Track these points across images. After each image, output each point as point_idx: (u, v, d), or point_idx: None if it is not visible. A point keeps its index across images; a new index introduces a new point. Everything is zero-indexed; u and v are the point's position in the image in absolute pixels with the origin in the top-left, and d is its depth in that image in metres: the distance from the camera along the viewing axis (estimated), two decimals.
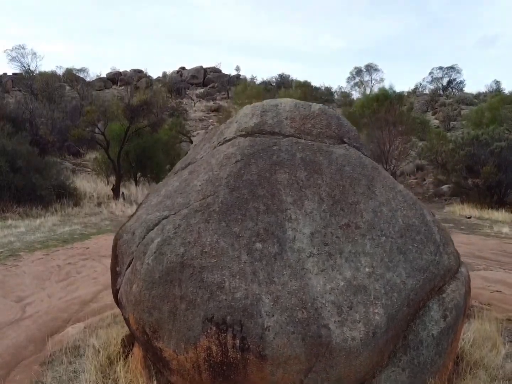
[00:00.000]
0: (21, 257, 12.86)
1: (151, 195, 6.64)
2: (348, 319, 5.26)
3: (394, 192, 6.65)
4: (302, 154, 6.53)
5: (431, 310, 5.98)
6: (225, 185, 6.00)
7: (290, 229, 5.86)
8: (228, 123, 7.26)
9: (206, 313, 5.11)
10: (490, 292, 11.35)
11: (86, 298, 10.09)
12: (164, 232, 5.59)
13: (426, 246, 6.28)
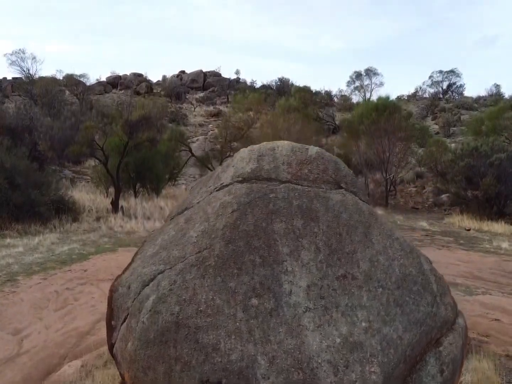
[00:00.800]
0: (18, 282, 12.83)
1: (147, 244, 6.61)
2: (344, 380, 5.24)
3: (391, 240, 6.62)
4: (299, 202, 6.50)
5: (428, 364, 5.95)
6: (221, 237, 5.97)
7: (287, 282, 5.83)
8: (225, 166, 7.24)
9: (201, 375, 5.09)
10: (488, 320, 11.31)
11: (83, 330, 10.06)
12: (160, 289, 5.57)
13: (423, 297, 6.25)
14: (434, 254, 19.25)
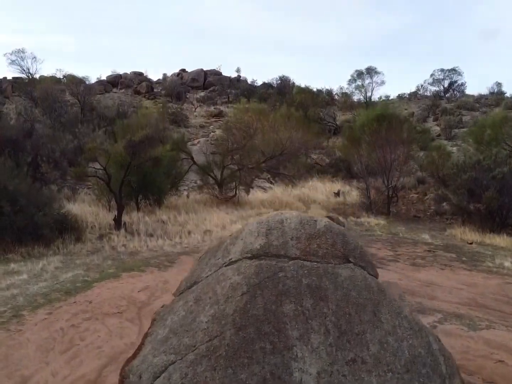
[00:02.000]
0: (24, 319, 12.87)
1: (157, 324, 6.63)
2: None
3: (400, 318, 6.64)
4: (308, 280, 6.51)
5: None
6: (231, 323, 5.99)
7: (297, 370, 5.86)
8: (233, 238, 7.24)
9: None
10: (493, 362, 11.33)
11: (90, 378, 10.09)
12: (171, 382, 5.59)
13: (432, 380, 6.29)
14: (437, 275, 19.31)
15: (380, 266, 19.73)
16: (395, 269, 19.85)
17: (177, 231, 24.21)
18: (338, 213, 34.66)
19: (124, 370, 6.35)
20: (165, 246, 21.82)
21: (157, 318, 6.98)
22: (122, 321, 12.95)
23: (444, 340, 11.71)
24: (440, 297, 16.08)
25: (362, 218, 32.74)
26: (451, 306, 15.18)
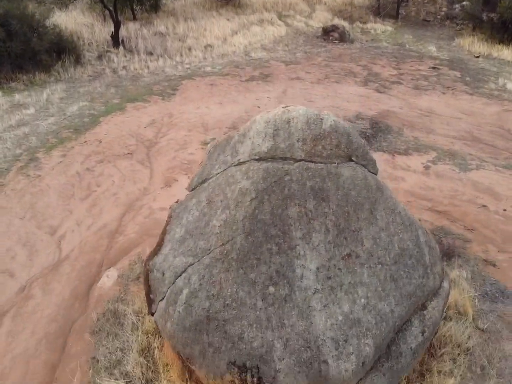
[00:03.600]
0: (40, 162, 13.66)
1: (174, 222, 7.34)
2: (343, 352, 6.56)
3: (394, 215, 7.36)
4: (312, 183, 7.04)
5: (412, 326, 7.26)
6: (242, 229, 6.71)
7: (299, 267, 6.77)
8: (241, 136, 7.53)
9: (229, 358, 6.41)
10: (476, 208, 12.45)
11: (112, 228, 11.27)
12: (191, 283, 6.55)
13: (416, 269, 7.27)
14: (438, 101, 19.60)
15: (383, 90, 19.89)
16: (397, 94, 20.02)
17: (177, 48, 23.60)
18: (344, 17, 33.09)
19: (148, 264, 7.27)
20: (166, 68, 21.57)
21: (173, 215, 7.66)
22: (133, 163, 13.73)
23: (435, 183, 12.70)
24: (437, 130, 16.65)
25: (369, 24, 31.41)
26: (446, 141, 15.85)
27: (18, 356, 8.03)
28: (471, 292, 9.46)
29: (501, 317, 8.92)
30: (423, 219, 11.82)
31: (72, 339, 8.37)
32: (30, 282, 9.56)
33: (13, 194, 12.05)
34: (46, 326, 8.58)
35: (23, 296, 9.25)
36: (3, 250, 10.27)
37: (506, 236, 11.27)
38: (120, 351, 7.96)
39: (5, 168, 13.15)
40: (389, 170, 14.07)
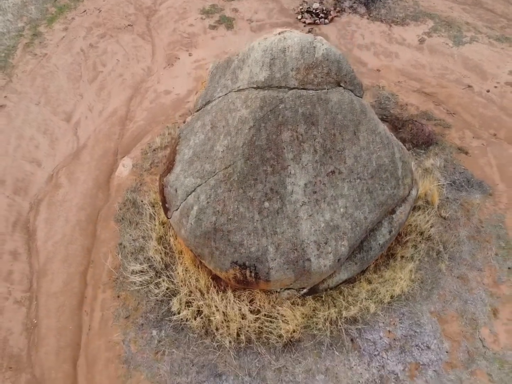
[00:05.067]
0: (44, 38, 14.01)
1: (182, 143, 8.43)
2: (323, 252, 8.28)
3: (374, 135, 8.48)
4: (303, 109, 8.03)
5: (382, 227, 8.87)
6: (241, 154, 7.90)
7: (290, 184, 8.14)
8: (240, 61, 8.24)
9: (232, 259, 8.12)
10: (461, 89, 13.28)
11: (122, 114, 12.27)
12: (200, 201, 7.97)
13: (389, 182, 8.63)
14: None
15: None
16: None
17: None
18: None
19: (162, 180, 8.55)
20: None
21: (181, 135, 8.66)
22: (135, 37, 14.15)
23: (427, 60, 13.40)
24: None
25: None
26: (445, 7, 15.85)
27: (58, 241, 9.75)
28: (441, 181, 10.85)
29: (462, 205, 10.48)
30: (410, 103, 12.74)
31: (100, 226, 10.01)
32: (56, 171, 10.91)
33: (24, 77, 12.75)
34: (76, 214, 10.15)
35: (53, 185, 10.67)
36: (27, 138, 11.39)
37: (483, 121, 12.29)
38: (142, 238, 9.66)
39: (12, 45, 13.57)
40: (384, 44, 14.46)
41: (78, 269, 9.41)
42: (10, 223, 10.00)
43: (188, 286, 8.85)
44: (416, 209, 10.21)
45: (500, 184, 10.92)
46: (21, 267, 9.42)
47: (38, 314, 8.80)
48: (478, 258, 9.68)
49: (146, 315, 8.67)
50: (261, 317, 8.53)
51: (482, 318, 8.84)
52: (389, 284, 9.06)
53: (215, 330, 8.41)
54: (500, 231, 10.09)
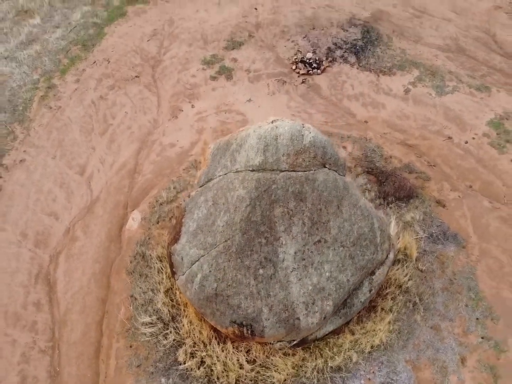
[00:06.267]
0: (58, 90, 15.21)
1: (187, 216, 9.65)
2: (311, 311, 9.50)
3: (356, 208, 9.69)
4: (293, 188, 9.24)
5: (363, 286, 10.09)
6: (239, 229, 9.12)
7: (281, 253, 9.36)
8: (238, 146, 9.43)
9: (231, 318, 9.35)
10: (442, 140, 14.48)
11: (131, 167, 13.47)
12: (203, 269, 9.20)
13: (369, 248, 9.86)
14: None
15: None
16: None
17: None
18: None
19: (170, 248, 9.78)
20: None
21: (187, 209, 9.88)
22: (141, 88, 15.39)
23: (411, 111, 14.60)
24: (425, 39, 17.65)
25: None
26: (431, 55, 17.05)
27: (76, 293, 10.97)
28: (419, 234, 12.08)
29: (438, 258, 11.70)
30: (394, 156, 13.95)
31: (114, 278, 11.23)
32: (73, 224, 12.13)
33: (41, 131, 13.97)
34: (92, 266, 11.38)
35: (70, 238, 11.89)
36: (45, 192, 12.61)
37: (460, 172, 13.50)
38: (151, 291, 10.88)
39: (28, 98, 14.78)
40: (372, 95, 15.66)
41: (94, 319, 10.62)
42: (33, 275, 11.22)
43: (192, 338, 10.08)
44: (396, 262, 11.41)
45: (473, 237, 12.13)
46: (44, 317, 10.63)
47: (60, 362, 10.02)
48: (450, 308, 10.88)
49: (155, 364, 9.89)
50: (256, 367, 9.74)
51: (452, 366, 10.05)
52: (369, 335, 10.28)
53: (216, 379, 9.63)
54: (471, 282, 11.30)
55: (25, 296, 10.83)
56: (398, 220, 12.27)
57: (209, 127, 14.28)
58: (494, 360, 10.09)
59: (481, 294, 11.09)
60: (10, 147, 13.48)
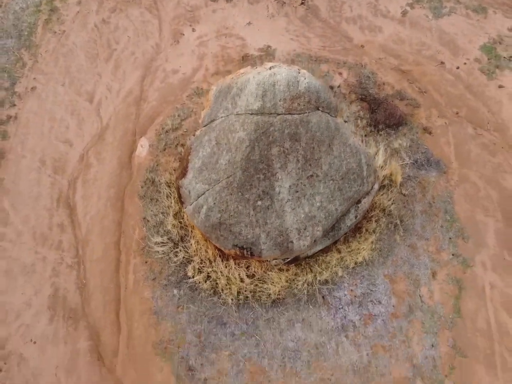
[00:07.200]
0: (61, 14, 15.48)
1: (193, 154, 10.71)
2: (303, 236, 10.97)
3: (345, 146, 10.78)
4: (289, 130, 10.29)
5: (349, 213, 11.45)
6: (240, 167, 10.28)
7: (277, 186, 10.62)
8: (239, 90, 10.28)
9: (233, 243, 10.81)
10: (434, 66, 15.12)
11: (136, 94, 14.25)
12: (208, 202, 10.49)
13: (356, 181, 11.08)
14: None
15: None
16: None
17: None
18: None
19: (177, 182, 10.95)
20: None
21: (192, 147, 10.87)
22: (142, 11, 15.71)
23: (407, 34, 15.10)
24: None
25: None
26: None
27: (94, 216, 12.34)
28: (405, 161, 13.22)
29: (420, 183, 12.93)
30: (387, 82, 14.66)
31: (127, 202, 12.54)
32: (86, 151, 13.21)
33: (48, 57, 14.52)
34: (107, 191, 12.64)
35: (84, 164, 13.03)
36: (58, 120, 13.54)
37: (449, 99, 14.31)
38: (161, 214, 12.25)
39: (32, 22, 15.12)
40: (370, 17, 15.95)
41: (112, 239, 12.08)
42: (55, 199, 12.51)
43: (199, 256, 11.60)
44: (382, 188, 12.66)
45: (454, 163, 13.26)
46: (68, 237, 12.09)
47: (86, 276, 11.64)
48: (427, 229, 12.31)
49: (168, 278, 11.51)
50: (255, 280, 11.37)
51: (424, 279, 11.67)
52: (354, 253, 11.81)
53: (220, 291, 11.28)
54: (448, 206, 12.62)
55: (49, 218, 12.17)
56: (386, 147, 13.30)
57: (210, 53, 14.78)
58: (460, 274, 11.64)
59: (456, 216, 12.42)
60: (20, 74, 14.10)
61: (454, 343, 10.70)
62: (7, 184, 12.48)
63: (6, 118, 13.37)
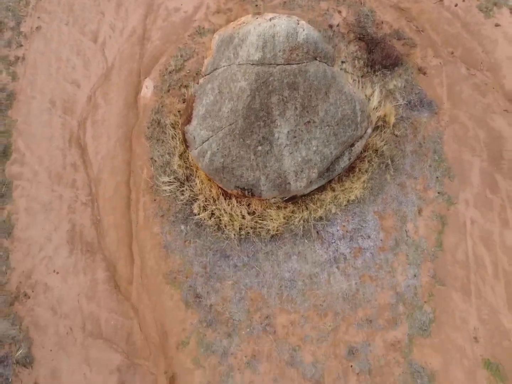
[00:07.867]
0: None
1: (197, 101, 11.35)
2: (299, 177, 11.91)
3: (341, 94, 11.43)
4: (287, 79, 10.91)
5: (343, 156, 12.28)
6: (241, 115, 11.00)
7: (276, 132, 11.42)
8: (240, 41, 10.74)
9: (235, 184, 11.74)
10: (433, 3, 15.29)
11: (139, 33, 14.54)
12: (212, 148, 11.30)
13: (350, 126, 11.83)
14: None
15: None
16: None
17: None
18: None
19: (182, 127, 11.66)
20: None
21: (196, 95, 11.44)
22: None
23: None
24: None
25: None
26: None
27: (104, 156, 13.16)
28: (399, 101, 13.83)
29: (412, 124, 13.62)
30: (385, 21, 14.90)
31: (134, 142, 13.32)
32: (93, 91, 13.79)
33: None
34: (115, 132, 13.37)
35: (92, 105, 13.66)
36: (64, 60, 13.99)
37: (446, 38, 14.62)
38: (167, 154, 13.07)
39: None
40: None
41: (122, 178, 12.98)
42: (66, 140, 13.27)
43: (204, 194, 12.57)
44: (375, 129, 13.38)
45: (446, 103, 13.86)
46: (81, 176, 12.99)
47: (100, 213, 12.68)
48: (416, 169, 13.18)
49: (176, 215, 12.55)
50: (255, 217, 12.42)
51: (410, 216, 12.71)
52: (347, 191, 12.77)
53: (224, 227, 12.36)
54: (437, 146, 13.40)
55: (63, 158, 13.00)
56: (382, 88, 13.84)
57: None
58: (444, 211, 12.66)
59: (444, 156, 13.23)
60: (24, 13, 14.33)
61: (434, 274, 11.91)
62: (20, 125, 13.17)
63: (14, 59, 13.79)
